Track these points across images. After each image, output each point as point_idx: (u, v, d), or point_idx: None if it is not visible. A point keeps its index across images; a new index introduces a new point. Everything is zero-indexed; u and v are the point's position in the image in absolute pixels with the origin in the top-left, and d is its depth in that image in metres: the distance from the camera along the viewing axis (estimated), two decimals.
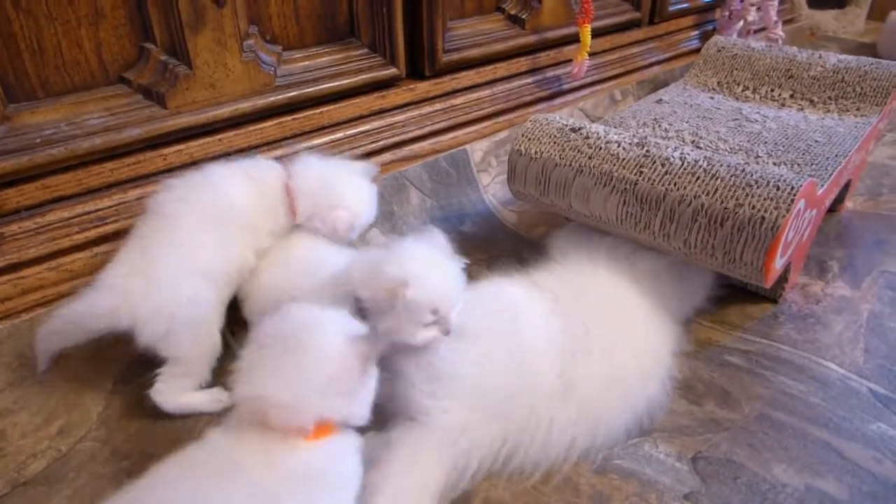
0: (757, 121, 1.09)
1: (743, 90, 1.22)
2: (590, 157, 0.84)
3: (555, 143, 0.88)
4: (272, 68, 0.91)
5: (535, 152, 0.89)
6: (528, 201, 0.95)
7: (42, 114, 0.75)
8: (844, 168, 0.94)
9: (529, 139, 0.90)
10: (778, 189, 0.73)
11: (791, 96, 1.18)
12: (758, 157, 0.96)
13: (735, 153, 0.97)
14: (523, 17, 1.22)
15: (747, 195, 0.74)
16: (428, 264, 0.63)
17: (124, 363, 0.77)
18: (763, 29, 1.64)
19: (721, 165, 0.78)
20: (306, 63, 0.96)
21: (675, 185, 0.78)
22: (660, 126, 1.08)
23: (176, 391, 0.72)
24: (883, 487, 0.64)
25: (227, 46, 0.85)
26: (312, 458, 0.52)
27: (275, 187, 0.78)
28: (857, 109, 1.11)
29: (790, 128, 1.06)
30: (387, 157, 1.06)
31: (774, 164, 0.93)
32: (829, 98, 1.14)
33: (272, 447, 0.52)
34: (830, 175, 0.88)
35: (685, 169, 0.78)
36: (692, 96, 1.22)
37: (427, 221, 1.07)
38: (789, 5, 2.00)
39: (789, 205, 0.71)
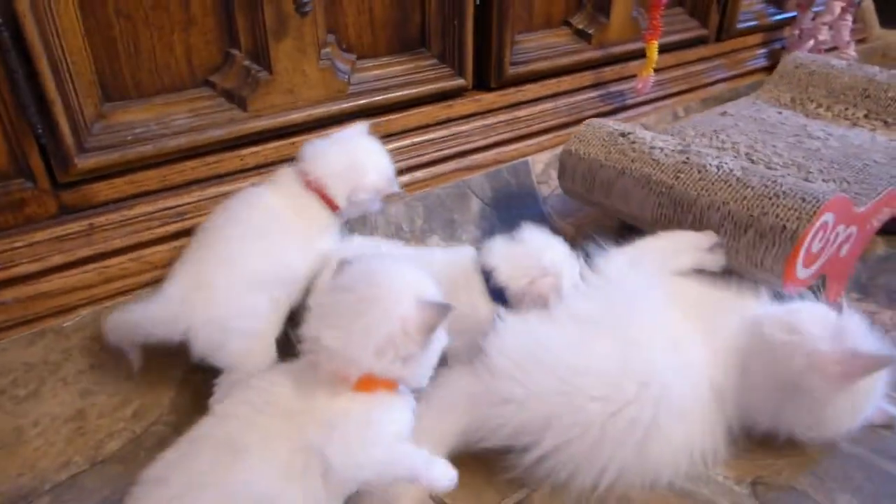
0: (819, 138, 1.08)
1: (816, 107, 1.20)
2: (632, 161, 0.90)
3: (603, 145, 0.94)
4: (346, 76, 0.94)
5: (585, 153, 0.96)
6: (576, 198, 1.01)
7: (134, 113, 0.79)
8: None
9: (581, 141, 0.97)
10: (803, 201, 0.76)
11: (865, 116, 1.15)
12: (809, 172, 0.96)
13: (787, 167, 0.98)
14: (590, 31, 1.23)
15: (773, 205, 0.77)
16: (564, 255, 0.73)
17: None
18: (834, 48, 1.60)
19: (754, 176, 0.81)
20: (378, 72, 0.99)
21: (707, 191, 0.82)
22: (717, 137, 1.09)
23: None
24: None
25: (306, 53, 0.89)
26: (346, 407, 0.53)
27: (298, 189, 0.79)
28: None
29: (852, 147, 1.04)
30: (451, 165, 1.08)
31: (824, 180, 0.93)
32: None
33: (316, 390, 0.53)
34: (878, 195, 0.88)
35: (719, 177, 0.82)
36: (759, 110, 1.20)
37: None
38: (861, 24, 1.94)
39: (811, 216, 0.74)
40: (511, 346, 0.65)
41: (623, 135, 0.94)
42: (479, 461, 0.67)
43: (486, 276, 0.73)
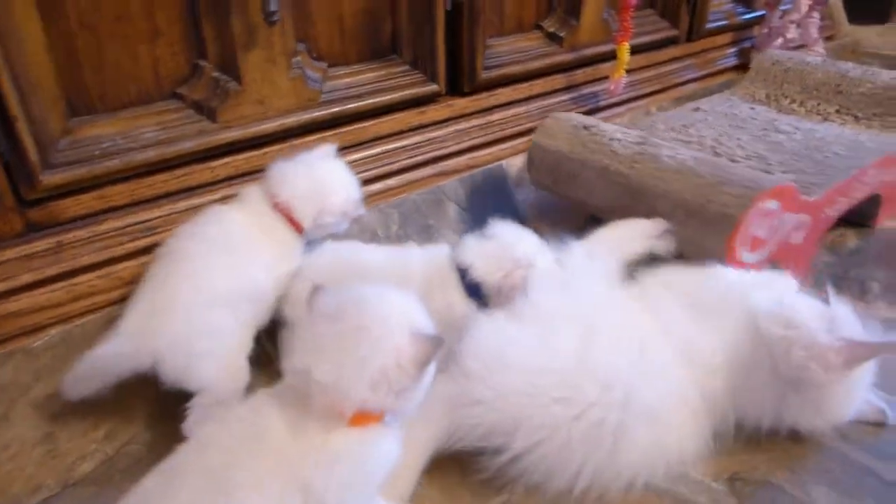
0: (786, 132, 1.11)
1: (790, 103, 1.23)
2: (593, 152, 0.94)
3: (567, 137, 0.98)
4: (318, 84, 0.94)
5: (550, 145, 0.99)
6: (543, 189, 1.05)
7: (101, 127, 0.78)
8: (855, 180, 0.95)
9: (546, 133, 1.01)
10: (746, 188, 0.79)
11: (837, 111, 1.18)
12: (769, 164, 1.00)
13: (749, 159, 1.01)
14: (562, 34, 1.24)
15: (718, 192, 0.80)
16: (536, 247, 0.76)
17: None
18: (803, 46, 1.63)
19: (704, 166, 0.84)
20: (350, 79, 0.99)
21: (660, 179, 0.86)
22: (686, 131, 1.12)
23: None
24: None
25: (276, 63, 0.88)
26: (343, 445, 0.51)
27: (265, 209, 0.78)
28: None
29: (815, 140, 1.08)
30: (425, 171, 1.08)
31: (783, 171, 0.97)
32: (875, 115, 1.14)
33: (308, 424, 0.51)
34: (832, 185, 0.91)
35: (671, 167, 0.86)
36: (732, 106, 1.22)
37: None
38: (830, 22, 1.98)
39: (750, 203, 0.77)
40: (481, 347, 0.66)
41: (586, 127, 0.98)
42: (456, 465, 0.67)
43: (462, 273, 0.75)
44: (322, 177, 0.80)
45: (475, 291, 0.75)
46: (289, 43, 0.88)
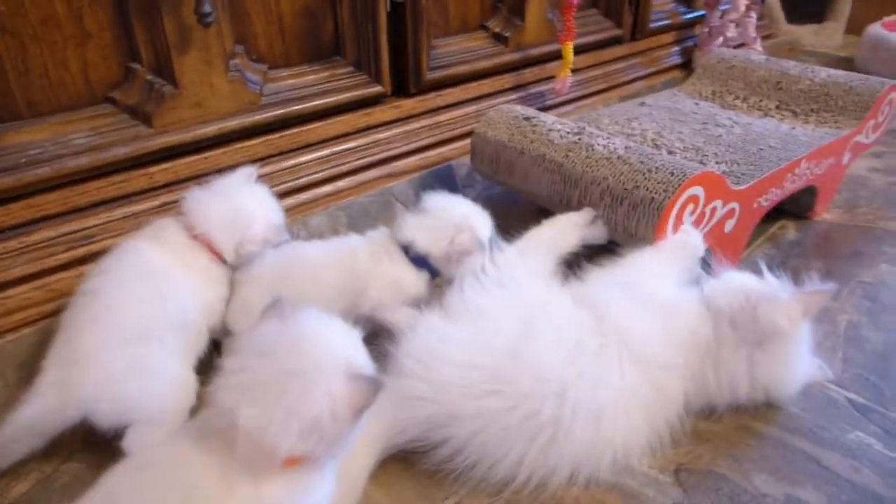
0: (725, 125, 1.14)
1: (734, 99, 1.26)
2: (531, 141, 0.96)
3: (508, 128, 1.00)
4: (258, 87, 0.92)
5: (491, 136, 1.01)
6: (486, 179, 1.08)
7: (28, 133, 0.75)
8: (786, 172, 0.98)
9: (489, 124, 1.02)
10: (671, 175, 0.81)
11: (777, 107, 1.22)
12: (705, 155, 1.03)
13: (686, 151, 1.04)
14: (507, 34, 1.24)
15: (645, 179, 0.83)
16: (472, 210, 0.80)
17: None
18: (742, 45, 1.67)
19: (634, 154, 0.87)
20: (292, 81, 0.97)
21: (591, 168, 0.88)
22: (629, 124, 1.14)
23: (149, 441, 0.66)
24: (861, 496, 0.65)
25: (213, 66, 0.86)
26: (272, 492, 0.47)
27: (184, 242, 0.75)
28: (836, 122, 1.14)
29: (752, 133, 1.11)
30: (373, 173, 1.07)
31: (717, 162, 1.00)
32: (812, 110, 1.18)
33: (232, 470, 0.47)
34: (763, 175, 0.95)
35: (603, 155, 0.88)
36: (677, 101, 1.25)
37: None
38: (768, 21, 2.04)
39: (676, 188, 0.80)
40: (416, 346, 0.67)
41: (526, 118, 1.00)
42: (401, 465, 0.67)
43: (406, 250, 0.78)
44: (240, 206, 0.77)
45: (424, 264, 0.78)
46: (226, 44, 0.86)
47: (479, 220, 0.79)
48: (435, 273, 0.79)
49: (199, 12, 0.79)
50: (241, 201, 0.78)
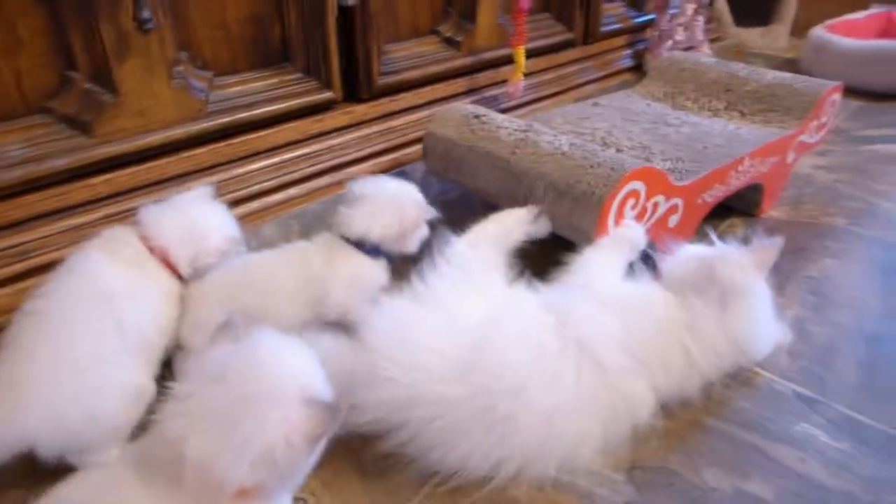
0: (673, 125, 1.17)
1: (685, 100, 1.29)
2: (480, 139, 0.98)
3: (458, 125, 1.01)
4: (203, 94, 0.91)
5: (442, 133, 1.02)
6: (438, 177, 1.08)
7: None
8: (729, 169, 1.00)
9: (440, 122, 1.04)
10: (612, 170, 0.84)
11: (725, 108, 1.24)
12: (651, 153, 1.05)
13: (634, 149, 1.06)
14: (459, 39, 1.24)
15: (586, 174, 0.85)
16: (400, 183, 0.84)
17: None
18: (692, 48, 1.71)
19: (578, 150, 0.89)
20: (239, 88, 0.96)
21: (536, 164, 0.90)
22: (581, 123, 1.16)
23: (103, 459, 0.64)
24: (807, 486, 0.66)
25: (155, 73, 0.84)
26: None
27: (141, 254, 0.73)
28: (781, 122, 1.17)
29: (699, 133, 1.13)
30: (326, 179, 1.06)
31: (662, 160, 1.02)
32: (758, 111, 1.21)
33: (183, 502, 0.44)
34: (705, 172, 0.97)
35: (548, 152, 0.90)
36: (629, 102, 1.27)
37: None
38: (716, 24, 2.08)
39: (615, 182, 0.82)
40: (386, 325, 0.68)
41: (476, 116, 1.02)
42: (363, 479, 0.66)
43: (359, 243, 0.79)
44: (196, 219, 0.76)
45: (379, 252, 0.81)
46: (168, 51, 0.85)
47: (411, 190, 0.84)
48: (390, 258, 0.82)
49: (137, 18, 0.77)
50: (197, 214, 0.77)
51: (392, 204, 0.80)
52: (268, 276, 0.78)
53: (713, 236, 0.79)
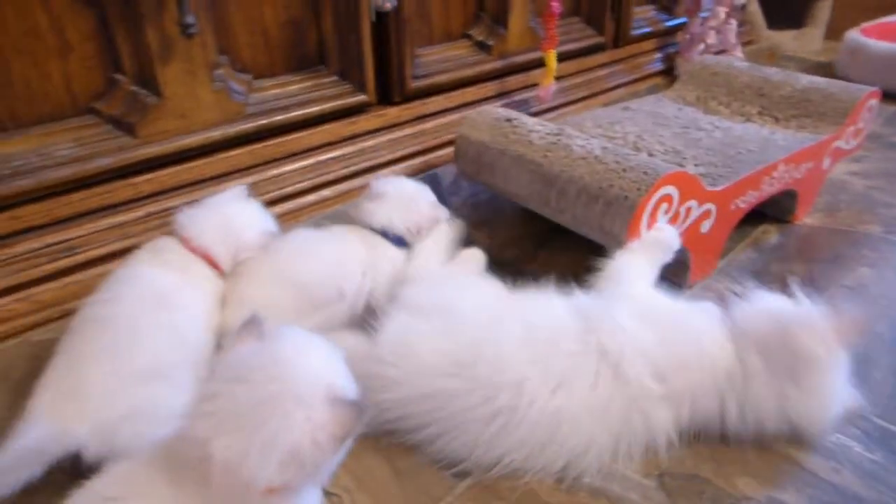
0: (706, 129, 1.16)
1: (717, 105, 1.28)
2: (512, 142, 0.98)
3: (490, 129, 1.02)
4: (242, 97, 0.92)
5: (474, 137, 1.03)
6: (469, 180, 1.10)
7: (11, 145, 0.75)
8: (763, 174, 0.99)
9: (472, 126, 1.05)
10: (645, 174, 0.83)
11: (759, 113, 1.24)
12: (684, 157, 1.04)
13: (666, 154, 1.06)
14: (490, 43, 1.25)
15: (619, 178, 0.85)
16: (417, 184, 0.94)
17: None
18: (724, 51, 1.69)
19: (610, 154, 0.89)
20: (276, 91, 0.98)
21: (569, 167, 0.90)
22: (612, 127, 1.16)
23: None
24: (842, 497, 0.66)
25: (196, 76, 0.86)
26: None
27: (185, 257, 0.75)
28: (815, 127, 1.15)
29: (732, 137, 1.12)
30: (359, 181, 1.07)
31: (695, 164, 1.02)
32: (792, 116, 1.20)
33: (209, 502, 0.44)
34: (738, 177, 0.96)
35: (580, 155, 0.90)
36: (660, 106, 1.27)
37: (398, 243, 1.08)
38: (749, 27, 2.06)
39: (649, 187, 0.81)
40: (391, 336, 0.71)
41: (508, 120, 1.02)
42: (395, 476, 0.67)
43: (385, 234, 0.89)
44: (232, 217, 0.80)
45: (401, 242, 0.90)
46: (210, 55, 0.87)
47: (426, 191, 0.93)
48: (407, 245, 0.91)
49: (181, 23, 0.80)
50: (233, 212, 0.80)
51: (412, 201, 0.90)
52: (324, 253, 0.82)
53: (796, 290, 0.71)
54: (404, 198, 0.90)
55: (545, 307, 0.73)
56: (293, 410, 0.45)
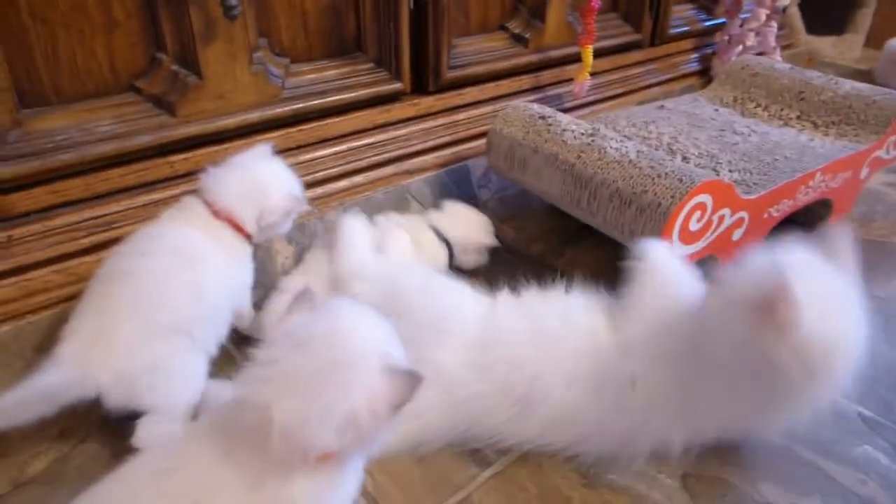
0: (742, 133, 1.14)
1: (755, 107, 1.26)
2: (545, 141, 0.97)
3: (523, 125, 1.01)
4: (280, 80, 0.93)
5: (507, 132, 1.02)
6: (500, 175, 1.10)
7: (54, 120, 0.77)
8: (799, 183, 0.98)
9: (505, 121, 1.04)
10: (679, 181, 0.82)
11: (797, 117, 1.21)
12: (718, 163, 1.03)
13: (700, 158, 1.05)
14: (527, 36, 1.25)
15: (653, 184, 0.84)
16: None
17: None
18: (762, 54, 1.67)
19: (645, 159, 0.88)
20: (313, 76, 0.98)
21: (602, 170, 0.89)
22: (646, 127, 1.14)
23: (159, 438, 0.66)
24: None
25: (236, 58, 0.87)
26: (301, 489, 0.46)
27: (208, 219, 0.75)
28: (856, 135, 1.13)
29: (769, 143, 1.10)
30: (390, 169, 1.08)
31: (730, 170, 1.00)
32: (832, 122, 1.17)
33: (260, 467, 0.46)
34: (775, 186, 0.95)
35: (615, 158, 0.89)
36: (697, 107, 1.25)
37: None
38: (788, 31, 2.03)
39: (683, 195, 0.80)
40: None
41: (542, 117, 1.01)
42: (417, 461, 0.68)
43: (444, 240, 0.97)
44: (258, 177, 0.78)
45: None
46: (250, 37, 0.87)
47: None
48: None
49: (225, 4, 0.80)
50: (258, 173, 0.78)
51: (471, 228, 1.00)
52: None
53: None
54: (470, 222, 1.00)
55: (552, 309, 0.74)
56: (352, 377, 0.46)
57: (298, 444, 0.44)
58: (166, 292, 0.67)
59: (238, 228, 0.76)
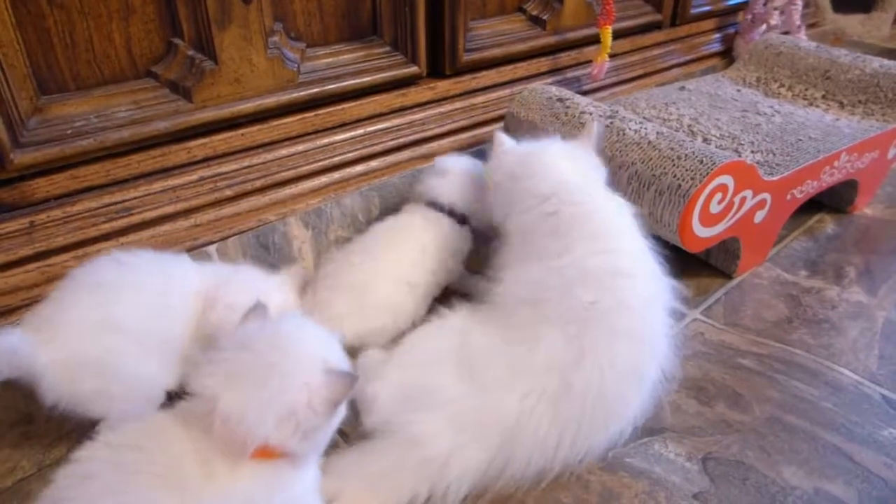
0: (765, 114, 1.12)
1: (779, 87, 1.24)
2: (563, 123, 0.97)
3: (541, 108, 1.01)
4: (296, 65, 0.93)
5: (524, 115, 1.03)
6: None
7: (73, 106, 0.77)
8: (824, 164, 0.96)
9: (522, 104, 1.05)
10: (700, 163, 0.81)
11: (823, 97, 1.19)
12: (741, 144, 1.01)
13: (722, 139, 1.03)
14: (544, 17, 1.23)
15: (673, 166, 0.83)
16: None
17: None
18: (786, 33, 1.63)
19: (664, 140, 0.87)
20: (329, 60, 0.98)
21: (621, 152, 0.89)
22: (666, 109, 1.13)
23: None
24: (892, 493, 0.64)
25: (252, 42, 0.87)
26: (249, 482, 0.49)
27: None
28: (883, 115, 1.10)
29: (793, 123, 1.08)
30: (407, 154, 1.07)
31: (753, 151, 0.99)
32: (859, 101, 1.15)
33: (211, 457, 0.48)
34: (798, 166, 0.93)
35: (634, 140, 0.89)
36: (719, 87, 1.23)
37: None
38: (814, 9, 1.98)
39: (704, 177, 0.79)
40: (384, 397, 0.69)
41: (560, 100, 1.01)
42: None
43: (450, 212, 0.92)
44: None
45: (464, 220, 0.93)
46: (266, 22, 0.87)
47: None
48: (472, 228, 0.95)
49: None
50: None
51: (475, 180, 0.90)
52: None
53: None
54: (470, 176, 0.94)
55: None
56: (292, 375, 0.50)
57: (238, 433, 0.47)
58: (126, 293, 0.66)
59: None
